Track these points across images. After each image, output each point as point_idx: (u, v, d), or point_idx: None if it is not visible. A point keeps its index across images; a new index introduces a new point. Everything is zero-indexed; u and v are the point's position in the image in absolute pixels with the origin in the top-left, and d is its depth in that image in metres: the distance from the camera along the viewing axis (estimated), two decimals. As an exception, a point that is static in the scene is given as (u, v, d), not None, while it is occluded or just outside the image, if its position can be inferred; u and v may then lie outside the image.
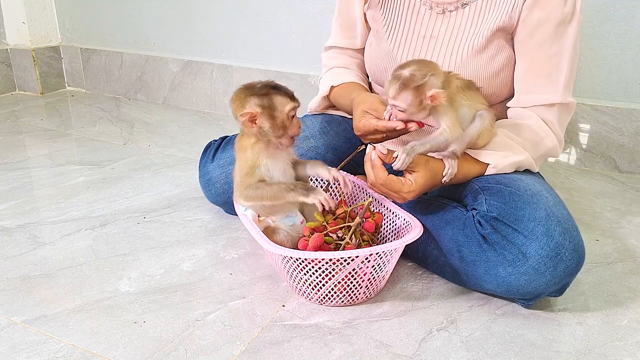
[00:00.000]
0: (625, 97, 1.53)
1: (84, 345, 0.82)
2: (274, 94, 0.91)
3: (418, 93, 0.85)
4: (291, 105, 0.91)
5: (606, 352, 0.82)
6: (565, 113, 1.01)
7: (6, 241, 1.13)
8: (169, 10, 2.13)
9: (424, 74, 0.85)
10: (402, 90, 0.86)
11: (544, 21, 0.95)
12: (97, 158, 1.62)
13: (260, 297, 0.95)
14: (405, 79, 0.85)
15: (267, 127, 0.91)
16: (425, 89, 0.85)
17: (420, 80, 0.85)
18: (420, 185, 0.89)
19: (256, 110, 0.90)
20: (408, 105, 0.87)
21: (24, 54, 2.30)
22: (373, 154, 0.90)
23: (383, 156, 0.90)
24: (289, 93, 0.92)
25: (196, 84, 2.15)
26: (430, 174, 0.91)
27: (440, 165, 0.92)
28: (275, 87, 0.92)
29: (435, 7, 1.02)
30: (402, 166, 0.88)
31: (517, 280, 0.86)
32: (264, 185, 0.92)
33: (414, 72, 0.85)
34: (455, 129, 0.89)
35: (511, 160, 0.95)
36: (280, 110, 0.90)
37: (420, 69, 0.86)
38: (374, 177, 0.91)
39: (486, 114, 0.92)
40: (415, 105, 0.86)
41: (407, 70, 0.86)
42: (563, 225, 0.85)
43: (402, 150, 0.88)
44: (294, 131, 0.93)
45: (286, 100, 0.91)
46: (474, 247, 0.90)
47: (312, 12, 1.86)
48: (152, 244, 1.12)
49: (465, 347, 0.82)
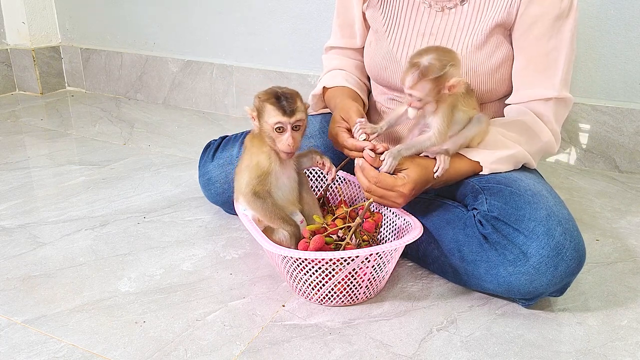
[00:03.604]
0: (625, 97, 1.53)
1: (84, 345, 0.82)
2: (269, 104, 0.90)
3: (437, 84, 0.83)
4: (276, 119, 0.89)
5: (606, 352, 0.82)
6: (561, 108, 1.01)
7: (6, 241, 1.13)
8: (169, 10, 2.13)
9: (444, 65, 0.82)
10: (420, 80, 0.83)
11: (541, 16, 0.96)
12: (97, 158, 1.62)
13: (260, 297, 0.95)
14: (424, 68, 0.82)
15: (258, 131, 0.93)
16: (444, 80, 0.83)
17: (439, 72, 0.82)
18: (413, 179, 0.89)
19: (252, 112, 0.93)
20: (425, 96, 0.84)
21: (24, 54, 2.30)
22: (360, 160, 0.91)
23: (371, 160, 0.90)
24: (285, 108, 0.89)
25: (196, 84, 2.15)
26: (420, 168, 0.91)
27: (429, 161, 0.93)
28: (278, 97, 0.90)
29: (434, 4, 1.03)
30: (389, 169, 0.89)
31: (518, 280, 0.86)
32: (268, 204, 0.93)
33: (433, 62, 0.82)
34: (443, 135, 0.89)
35: (500, 155, 0.95)
36: (266, 120, 0.91)
37: (439, 59, 0.82)
38: (366, 180, 0.91)
39: (484, 118, 0.93)
40: (433, 95, 0.84)
41: (425, 59, 0.82)
42: (564, 225, 0.85)
43: (388, 154, 0.90)
44: (281, 146, 0.92)
45: (275, 113, 0.90)
46: (474, 246, 0.90)
47: (312, 12, 1.86)
48: (152, 244, 1.12)
49: (465, 347, 0.82)
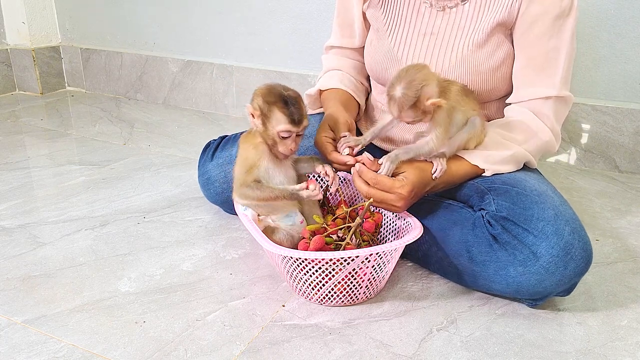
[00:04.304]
0: (625, 97, 1.53)
1: (84, 345, 0.82)
2: (276, 108, 0.89)
3: (416, 107, 0.86)
4: (284, 127, 0.89)
5: (606, 352, 0.82)
6: (562, 107, 1.01)
7: (6, 241, 1.13)
8: (169, 10, 2.13)
9: (416, 89, 0.85)
10: (400, 111, 0.87)
11: (541, 15, 0.96)
12: (97, 158, 1.62)
13: (260, 297, 0.95)
14: (399, 100, 0.86)
15: (260, 131, 0.92)
16: (421, 101, 0.86)
17: (413, 98, 0.85)
18: (411, 181, 0.89)
19: (255, 111, 0.91)
20: (413, 119, 0.88)
21: (24, 54, 2.30)
22: (358, 165, 0.91)
23: (369, 164, 0.91)
24: (293, 116, 0.88)
25: (196, 84, 2.15)
26: (418, 170, 0.91)
27: (427, 164, 0.93)
28: (287, 102, 0.89)
29: (436, 4, 1.03)
30: (387, 172, 0.90)
31: (528, 280, 0.86)
32: (258, 187, 0.92)
33: (405, 92, 0.85)
34: (441, 141, 0.90)
35: (500, 157, 0.95)
36: (272, 125, 0.90)
37: (410, 85, 0.85)
38: (364, 185, 0.91)
39: (477, 120, 0.93)
40: (419, 115, 0.88)
41: (398, 91, 0.86)
42: (571, 225, 0.85)
43: (385, 159, 0.90)
44: (283, 150, 0.92)
45: (283, 120, 0.89)
46: (484, 247, 0.89)
47: (312, 12, 1.86)
48: (152, 244, 1.12)
49: (465, 347, 0.82)
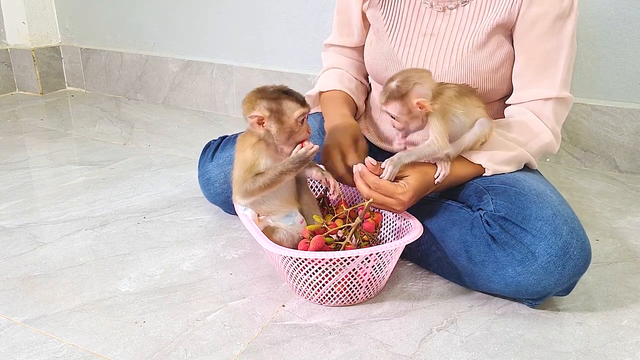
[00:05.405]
0: (625, 97, 1.53)
1: (84, 345, 0.82)
2: (284, 99, 0.91)
3: (404, 102, 0.88)
4: (300, 111, 0.91)
5: (606, 352, 0.82)
6: (562, 108, 1.01)
7: (6, 241, 1.13)
8: (169, 10, 2.13)
9: (409, 85, 0.88)
10: (389, 101, 0.90)
11: (541, 16, 0.96)
12: (97, 158, 1.62)
13: (260, 297, 0.95)
14: (390, 89, 0.89)
15: (275, 131, 0.91)
16: (410, 98, 0.88)
17: (404, 91, 0.88)
18: (413, 187, 0.90)
19: (264, 114, 0.91)
20: (398, 114, 0.90)
21: (24, 54, 2.30)
22: (360, 166, 0.92)
23: (372, 167, 0.91)
24: (300, 99, 0.92)
25: (196, 84, 2.15)
26: (420, 175, 0.91)
27: (430, 166, 0.93)
28: (286, 92, 0.92)
29: (436, 5, 1.03)
30: (389, 177, 0.90)
31: (527, 280, 0.86)
32: (260, 175, 0.93)
33: (400, 84, 0.88)
34: (443, 141, 0.90)
35: (503, 157, 0.95)
36: (288, 116, 0.91)
37: (406, 80, 0.88)
38: (366, 187, 0.91)
39: (486, 122, 0.93)
40: (405, 113, 0.90)
41: (394, 82, 0.89)
42: (570, 224, 0.85)
43: (388, 162, 0.90)
44: (302, 136, 0.93)
45: (296, 106, 0.91)
46: (482, 247, 0.90)
47: (312, 12, 1.86)
48: (152, 244, 1.12)
49: (465, 347, 0.82)
